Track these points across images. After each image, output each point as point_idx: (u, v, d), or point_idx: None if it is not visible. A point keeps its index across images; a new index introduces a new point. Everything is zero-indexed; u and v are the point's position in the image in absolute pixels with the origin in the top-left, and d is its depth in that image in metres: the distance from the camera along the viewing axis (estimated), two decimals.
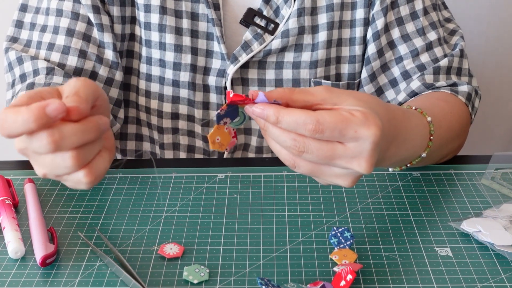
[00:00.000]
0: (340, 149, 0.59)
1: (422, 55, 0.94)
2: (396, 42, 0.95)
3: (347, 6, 0.94)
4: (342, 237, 0.72)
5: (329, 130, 0.58)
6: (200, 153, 1.00)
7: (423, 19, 0.95)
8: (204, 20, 0.93)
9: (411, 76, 0.94)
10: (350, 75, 0.97)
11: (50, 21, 0.93)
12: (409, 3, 0.95)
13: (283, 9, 0.93)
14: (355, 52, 0.96)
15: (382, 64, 0.96)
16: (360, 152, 0.59)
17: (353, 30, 0.95)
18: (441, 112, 0.83)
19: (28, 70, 0.90)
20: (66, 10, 0.92)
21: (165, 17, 0.92)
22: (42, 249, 0.69)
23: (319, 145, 0.59)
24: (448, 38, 0.98)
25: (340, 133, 0.58)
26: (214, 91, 0.96)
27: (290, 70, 0.95)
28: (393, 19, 0.94)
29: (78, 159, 0.57)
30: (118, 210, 0.79)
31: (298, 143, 0.59)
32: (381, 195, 0.81)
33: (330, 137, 0.59)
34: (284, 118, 0.58)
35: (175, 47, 0.93)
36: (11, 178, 0.85)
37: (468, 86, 0.92)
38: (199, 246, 0.72)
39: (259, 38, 0.93)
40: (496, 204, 0.78)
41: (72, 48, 0.91)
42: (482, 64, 1.65)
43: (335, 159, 0.60)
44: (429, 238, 0.73)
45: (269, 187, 0.82)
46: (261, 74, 0.95)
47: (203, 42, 0.94)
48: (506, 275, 0.67)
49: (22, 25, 0.95)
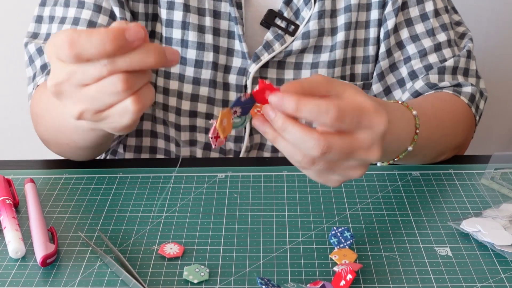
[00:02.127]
0: (356, 142, 0.59)
1: (430, 55, 0.94)
2: (405, 42, 0.95)
3: (363, 7, 0.95)
4: (342, 237, 0.72)
5: (349, 117, 0.57)
6: (216, 150, 1.01)
7: (433, 21, 0.95)
8: (226, 18, 0.94)
9: (418, 76, 0.95)
10: (364, 75, 0.98)
11: (70, 12, 0.92)
12: (419, 4, 0.95)
13: (304, 11, 0.93)
14: (369, 53, 0.97)
15: (390, 63, 0.96)
16: (373, 141, 0.60)
17: (368, 30, 0.96)
18: (432, 109, 0.83)
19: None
20: (88, 2, 0.91)
21: (189, 14, 0.92)
22: (42, 249, 0.69)
23: (342, 140, 0.58)
24: (458, 41, 0.99)
25: (357, 120, 0.58)
26: (234, 89, 0.96)
27: (308, 71, 0.95)
28: (403, 19, 0.95)
29: (128, 83, 0.55)
30: (118, 210, 0.79)
31: (323, 142, 0.57)
32: (381, 195, 0.81)
33: (348, 126, 0.58)
34: (305, 105, 0.56)
35: (197, 44, 0.94)
36: (12, 178, 0.85)
37: (472, 87, 0.92)
38: (199, 246, 0.72)
39: (280, 39, 0.93)
40: (496, 204, 0.78)
41: None
42: (482, 64, 1.65)
43: (354, 152, 0.60)
44: (429, 238, 0.73)
45: (269, 187, 0.83)
46: (280, 74, 0.96)
47: (225, 40, 0.94)
48: (506, 275, 0.67)
49: (42, 20, 0.94)
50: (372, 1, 0.95)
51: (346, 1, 0.94)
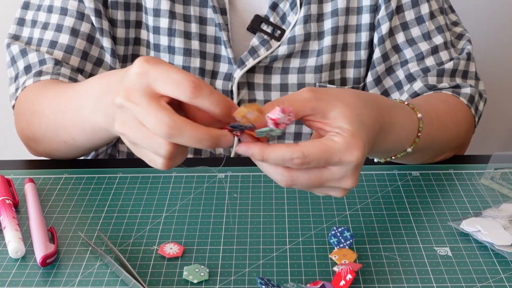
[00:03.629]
0: (326, 173, 0.62)
1: (427, 58, 0.94)
2: (401, 46, 0.95)
3: (353, 11, 0.94)
4: (342, 237, 0.72)
5: (315, 161, 0.60)
6: (206, 155, 1.01)
7: (429, 24, 0.95)
8: (212, 24, 0.94)
9: (415, 79, 0.94)
10: (355, 79, 0.98)
11: (53, 19, 0.93)
12: (414, 7, 0.94)
13: (290, 16, 0.93)
14: (360, 57, 0.96)
15: (387, 67, 0.96)
16: (346, 173, 0.62)
17: (359, 34, 0.95)
18: (434, 111, 0.83)
19: (33, 61, 0.90)
20: (71, 9, 0.92)
21: (175, 21, 0.93)
22: (42, 249, 0.69)
23: (307, 175, 0.61)
24: (455, 42, 0.98)
25: (325, 162, 0.60)
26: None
27: (295, 75, 0.95)
28: (398, 23, 0.94)
29: (170, 153, 0.58)
30: (118, 210, 0.79)
31: (286, 178, 0.61)
32: (380, 195, 0.81)
33: (316, 166, 0.60)
34: (269, 156, 0.59)
35: (184, 51, 0.94)
36: (11, 178, 0.85)
37: (471, 89, 0.92)
38: (199, 246, 0.72)
39: (266, 44, 0.93)
40: (496, 204, 0.78)
41: (76, 49, 0.92)
42: (481, 64, 1.65)
43: (324, 183, 0.62)
44: (429, 238, 0.73)
45: (269, 187, 0.83)
46: (267, 79, 0.96)
47: (211, 46, 0.94)
48: (506, 275, 0.67)
49: (24, 23, 0.95)
50: (363, 5, 0.94)
51: (333, 5, 0.93)
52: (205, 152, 1.00)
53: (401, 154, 0.76)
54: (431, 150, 0.83)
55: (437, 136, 0.82)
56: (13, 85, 0.93)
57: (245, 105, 0.60)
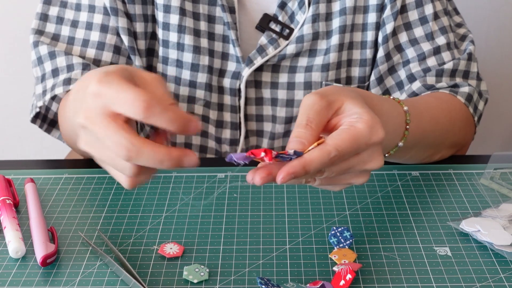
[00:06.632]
0: (355, 159, 0.62)
1: (429, 59, 0.94)
2: (403, 46, 0.95)
3: (359, 10, 0.94)
4: (342, 237, 0.72)
5: (347, 153, 0.60)
6: (212, 153, 1.01)
7: (432, 24, 0.95)
8: (220, 23, 0.94)
9: (416, 79, 0.94)
10: (361, 78, 0.98)
11: (82, 17, 0.93)
12: (418, 8, 0.94)
13: (298, 15, 0.93)
14: (366, 56, 0.96)
15: (389, 67, 0.96)
16: (372, 155, 0.62)
17: (365, 33, 0.96)
18: (424, 104, 0.83)
19: (61, 65, 0.90)
20: (98, 6, 0.92)
21: (185, 18, 0.93)
22: (42, 249, 0.69)
23: (337, 166, 0.62)
24: (458, 43, 0.98)
25: (356, 151, 0.61)
26: (229, 93, 0.96)
27: (302, 74, 0.95)
28: (401, 23, 0.94)
29: (134, 173, 0.57)
30: (118, 210, 0.79)
31: (322, 179, 0.63)
32: (380, 195, 0.81)
33: (349, 156, 0.61)
34: (311, 167, 0.59)
35: (193, 48, 0.94)
36: (12, 178, 0.85)
37: (470, 88, 0.92)
38: (199, 245, 0.72)
39: (274, 43, 0.94)
40: (495, 204, 0.78)
41: (107, 44, 0.92)
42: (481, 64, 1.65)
43: (352, 168, 0.63)
44: (428, 238, 0.73)
45: (269, 187, 0.83)
46: (275, 78, 0.96)
47: (219, 45, 0.95)
48: (505, 275, 0.67)
49: (47, 18, 0.95)
50: (369, 4, 0.94)
51: (341, 4, 0.93)
52: (211, 151, 1.00)
53: (394, 149, 0.76)
54: (425, 145, 0.83)
55: (428, 129, 0.82)
56: (39, 86, 0.93)
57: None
